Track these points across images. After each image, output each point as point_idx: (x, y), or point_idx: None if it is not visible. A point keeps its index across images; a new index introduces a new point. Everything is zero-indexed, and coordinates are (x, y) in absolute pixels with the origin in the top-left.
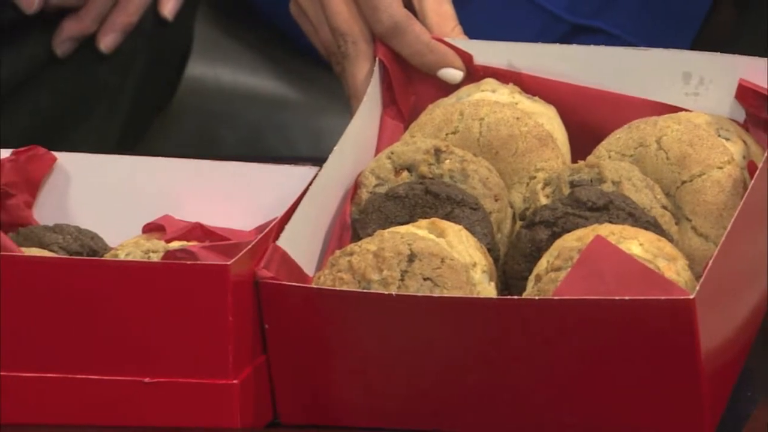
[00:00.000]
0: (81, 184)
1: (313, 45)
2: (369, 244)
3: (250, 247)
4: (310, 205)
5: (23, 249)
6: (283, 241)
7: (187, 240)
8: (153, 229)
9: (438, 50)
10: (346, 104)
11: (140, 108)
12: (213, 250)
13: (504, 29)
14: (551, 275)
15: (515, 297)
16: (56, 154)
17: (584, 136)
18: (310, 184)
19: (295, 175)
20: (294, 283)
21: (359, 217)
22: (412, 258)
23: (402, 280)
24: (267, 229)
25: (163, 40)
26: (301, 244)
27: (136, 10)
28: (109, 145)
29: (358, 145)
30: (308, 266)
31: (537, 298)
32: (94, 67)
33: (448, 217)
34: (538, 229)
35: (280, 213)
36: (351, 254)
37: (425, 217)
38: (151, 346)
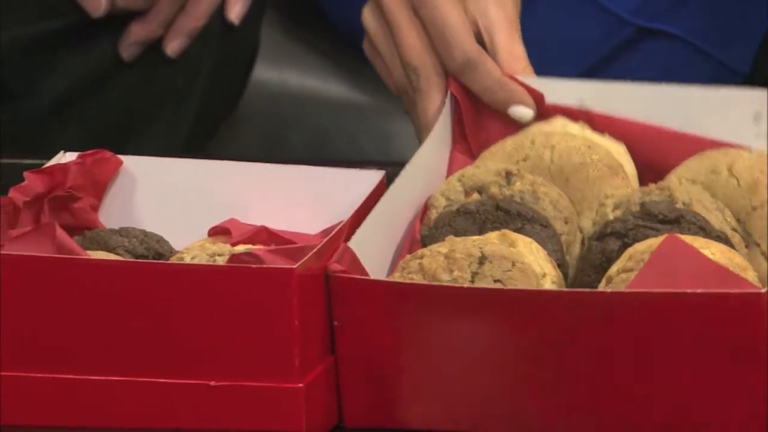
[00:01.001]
0: (147, 187)
1: (384, 81)
2: (440, 247)
3: (315, 250)
4: (379, 218)
5: (89, 252)
6: (353, 245)
7: (253, 243)
8: (218, 232)
9: (509, 87)
10: None
11: (207, 112)
12: (278, 254)
13: (569, 32)
14: (622, 276)
15: (588, 290)
16: (122, 157)
17: (653, 175)
18: (377, 188)
19: (362, 179)
20: (365, 277)
21: (429, 233)
22: (482, 260)
23: (472, 281)
24: (332, 233)
25: (230, 45)
26: (370, 252)
27: (203, 14)
28: (175, 150)
29: (426, 170)
30: (376, 276)
31: (609, 291)
32: (161, 72)
33: (519, 232)
34: (608, 241)
35: (345, 217)
36: (422, 257)
37: None
38: (216, 349)
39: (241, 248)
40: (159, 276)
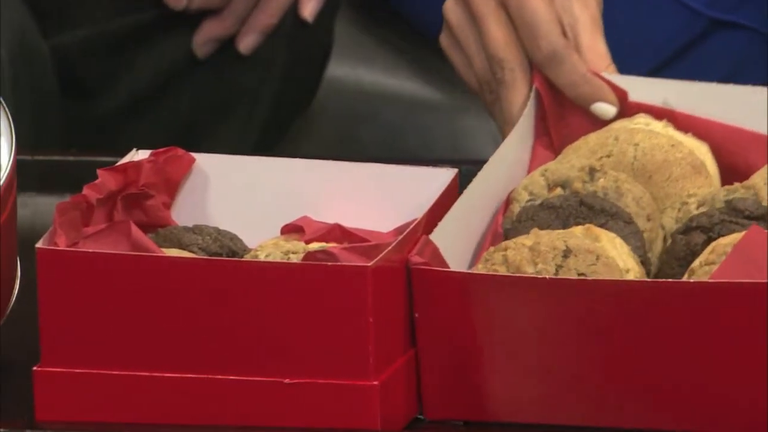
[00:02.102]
0: (219, 185)
1: (461, 76)
2: (525, 240)
3: (390, 248)
4: (460, 211)
5: (162, 250)
6: (434, 238)
7: (326, 241)
8: (291, 230)
9: (594, 83)
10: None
11: (280, 110)
12: (353, 251)
13: (645, 27)
14: (705, 268)
15: (670, 281)
16: (195, 155)
17: (735, 176)
18: (450, 186)
19: (434, 177)
20: (447, 269)
21: (512, 227)
22: (567, 253)
23: (556, 274)
24: (407, 231)
25: (303, 42)
26: (451, 245)
27: (277, 11)
28: (248, 147)
29: (509, 164)
30: (457, 269)
31: (692, 281)
32: (234, 70)
33: (602, 228)
34: (694, 234)
35: (418, 215)
36: (506, 249)
37: None
38: (291, 346)
39: (315, 246)
40: (234, 273)
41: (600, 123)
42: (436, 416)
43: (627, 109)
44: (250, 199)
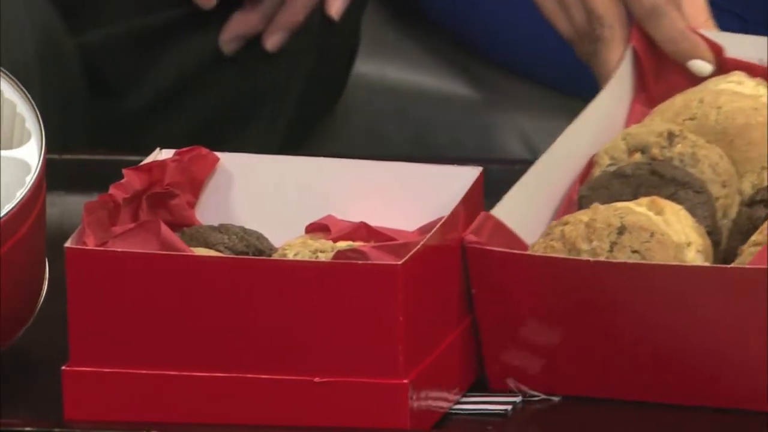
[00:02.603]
0: (243, 184)
1: (553, 24)
2: (582, 215)
3: (419, 246)
4: (536, 176)
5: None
6: (500, 211)
7: (353, 240)
8: (316, 229)
9: (691, 40)
10: (514, 103)
11: (306, 108)
12: (382, 250)
13: None
14: (750, 249)
15: (707, 265)
16: (219, 154)
17: None
18: (475, 185)
19: (460, 176)
20: (499, 248)
21: (586, 194)
22: (622, 230)
23: (611, 251)
24: (434, 229)
25: (330, 40)
26: (521, 215)
27: (303, 9)
28: (274, 146)
29: (598, 124)
30: (530, 237)
31: (728, 266)
32: (260, 68)
33: (671, 197)
34: (757, 208)
35: (443, 213)
36: (565, 224)
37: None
38: (320, 345)
39: (342, 244)
40: (264, 272)
41: (697, 80)
42: (498, 387)
43: (723, 65)
44: (273, 198)
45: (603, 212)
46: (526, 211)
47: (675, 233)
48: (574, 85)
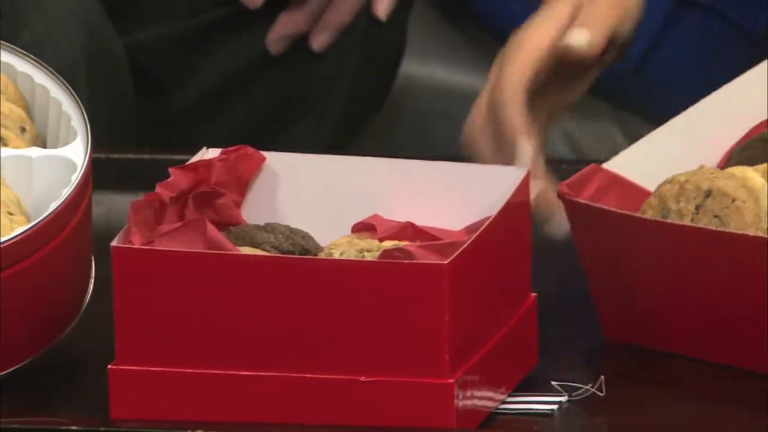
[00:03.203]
0: (289, 183)
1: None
2: (683, 176)
3: (466, 246)
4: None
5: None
6: (617, 165)
7: (399, 239)
8: (362, 228)
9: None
10: None
11: (353, 108)
12: (429, 249)
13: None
14: None
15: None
16: (265, 153)
17: None
18: (521, 185)
19: (506, 176)
20: (590, 203)
21: (734, 155)
22: (708, 194)
23: (696, 213)
24: (482, 229)
25: (377, 41)
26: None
27: (350, 9)
28: (321, 146)
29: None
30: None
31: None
32: (308, 67)
33: None
34: None
35: (489, 213)
36: (670, 182)
37: None
38: (366, 344)
39: (388, 244)
40: (310, 271)
41: None
42: (612, 335)
43: None
44: (320, 197)
45: (699, 175)
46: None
47: (752, 203)
48: (617, 89)
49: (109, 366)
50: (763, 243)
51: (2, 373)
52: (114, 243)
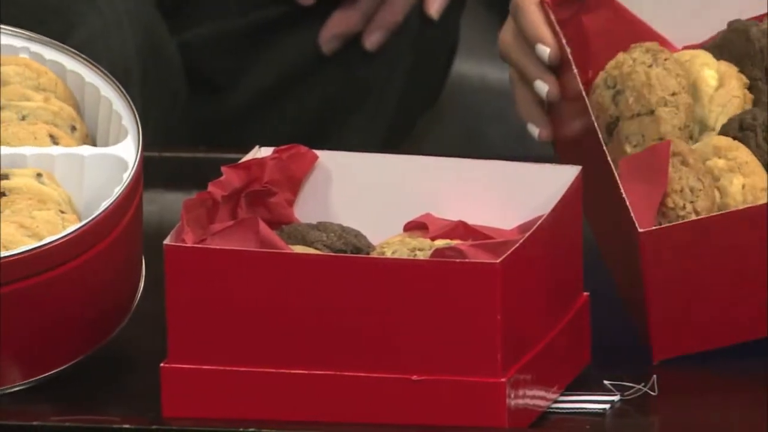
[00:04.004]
0: (341, 182)
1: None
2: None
3: (518, 245)
4: None
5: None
6: None
7: (451, 238)
8: (414, 227)
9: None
10: None
11: (406, 107)
12: (481, 248)
13: None
14: None
15: None
16: (318, 152)
17: None
18: (574, 184)
19: (559, 175)
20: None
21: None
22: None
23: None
24: (534, 228)
25: (429, 40)
26: None
27: (403, 8)
28: (374, 144)
29: None
30: None
31: None
32: (360, 67)
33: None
34: None
35: (542, 212)
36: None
37: None
38: (418, 343)
39: (440, 243)
40: (362, 270)
41: None
42: (665, 356)
43: None
44: (372, 196)
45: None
46: None
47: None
48: None
49: (162, 364)
50: None
51: (53, 372)
52: (167, 241)
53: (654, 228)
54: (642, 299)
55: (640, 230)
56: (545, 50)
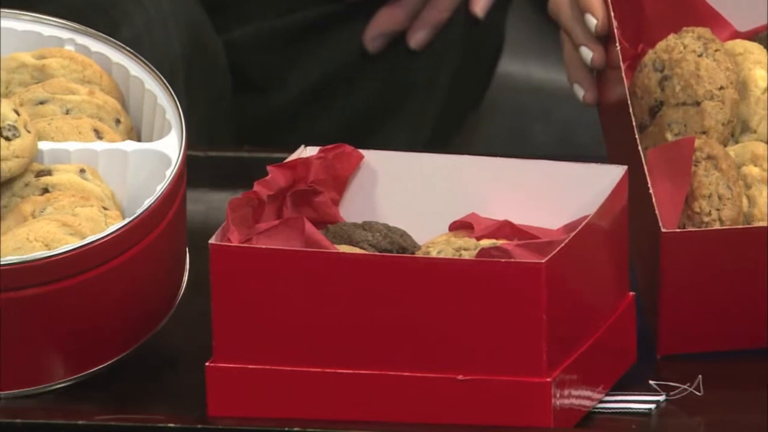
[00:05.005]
0: (387, 181)
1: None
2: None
3: (563, 245)
4: None
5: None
6: None
7: (497, 238)
8: (460, 226)
9: None
10: None
11: (451, 106)
12: (526, 248)
13: None
14: None
15: None
16: (363, 151)
17: None
18: (620, 184)
19: (605, 175)
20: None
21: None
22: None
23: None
24: (580, 227)
25: (475, 38)
26: None
27: (448, 7)
28: (420, 144)
29: None
30: None
31: None
32: (406, 65)
33: None
34: None
35: (588, 212)
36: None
37: None
38: (464, 343)
39: (485, 242)
40: (407, 270)
41: None
42: (670, 352)
43: None
44: (417, 196)
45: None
46: None
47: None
48: None
49: (207, 363)
50: None
51: (95, 369)
52: (212, 241)
53: (677, 231)
54: (656, 295)
55: (663, 230)
56: (593, 21)
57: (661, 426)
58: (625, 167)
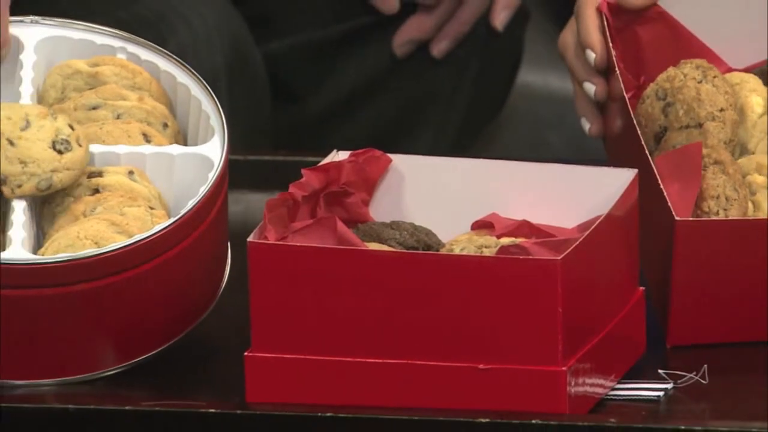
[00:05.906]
0: (414, 184)
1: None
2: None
3: (578, 243)
4: None
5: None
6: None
7: (515, 236)
8: (481, 226)
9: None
10: None
11: (472, 115)
12: (543, 246)
13: None
14: None
15: None
16: (391, 156)
17: None
18: (630, 186)
19: (617, 178)
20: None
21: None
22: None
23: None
24: (594, 226)
25: (495, 50)
26: None
27: (469, 19)
28: (443, 149)
29: None
30: None
31: None
32: (430, 75)
33: None
34: None
35: (601, 212)
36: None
37: None
38: (485, 334)
39: (505, 241)
40: (432, 266)
41: None
42: (680, 343)
43: None
44: (442, 197)
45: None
46: None
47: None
48: None
49: (246, 353)
50: None
51: (142, 358)
52: (250, 239)
53: (690, 219)
54: (667, 288)
55: (676, 218)
56: (592, 55)
57: (669, 412)
58: (636, 170)
